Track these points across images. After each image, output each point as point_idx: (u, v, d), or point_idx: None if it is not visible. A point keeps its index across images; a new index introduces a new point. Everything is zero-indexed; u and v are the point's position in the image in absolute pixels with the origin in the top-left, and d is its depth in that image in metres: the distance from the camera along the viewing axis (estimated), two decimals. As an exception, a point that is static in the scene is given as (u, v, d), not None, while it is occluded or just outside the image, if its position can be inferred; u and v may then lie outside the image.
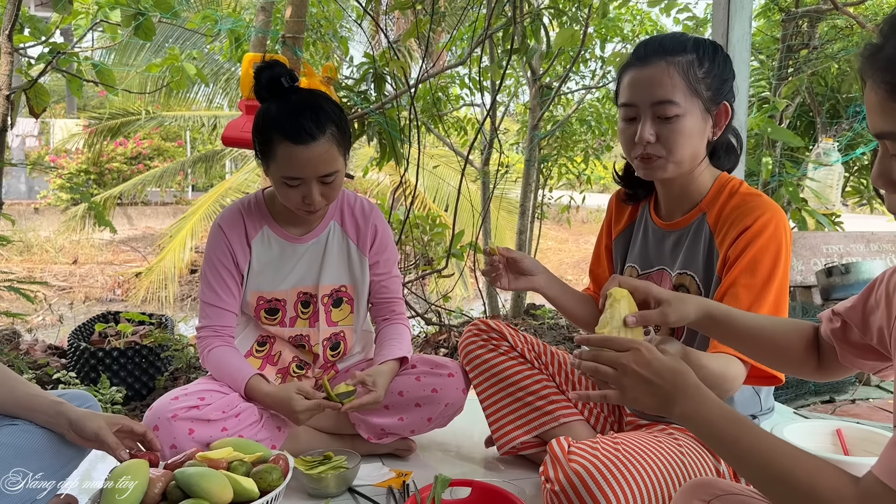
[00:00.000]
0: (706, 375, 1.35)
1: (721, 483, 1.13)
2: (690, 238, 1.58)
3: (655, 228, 1.67)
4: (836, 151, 4.18)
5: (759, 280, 1.43)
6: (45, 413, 1.44)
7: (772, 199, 1.56)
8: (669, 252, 1.62)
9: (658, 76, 1.46)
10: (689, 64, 1.46)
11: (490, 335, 1.91)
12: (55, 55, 3.17)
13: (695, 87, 1.46)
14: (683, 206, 1.61)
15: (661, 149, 1.49)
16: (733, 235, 1.48)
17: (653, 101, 1.47)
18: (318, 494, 1.74)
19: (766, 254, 1.44)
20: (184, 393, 1.77)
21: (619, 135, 1.57)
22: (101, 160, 11.48)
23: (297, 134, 1.68)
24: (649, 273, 1.67)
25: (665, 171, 1.52)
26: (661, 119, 1.47)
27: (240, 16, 4.45)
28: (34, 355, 3.71)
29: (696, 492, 1.11)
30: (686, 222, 1.60)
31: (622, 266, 1.75)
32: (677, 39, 1.51)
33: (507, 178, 5.76)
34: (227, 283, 1.89)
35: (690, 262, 1.57)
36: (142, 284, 8.48)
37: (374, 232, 1.99)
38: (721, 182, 1.58)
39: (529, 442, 1.87)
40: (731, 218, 1.50)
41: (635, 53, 1.52)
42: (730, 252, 1.48)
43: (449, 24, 5.65)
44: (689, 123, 1.47)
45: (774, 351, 1.22)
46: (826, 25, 4.46)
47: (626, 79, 1.52)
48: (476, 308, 6.29)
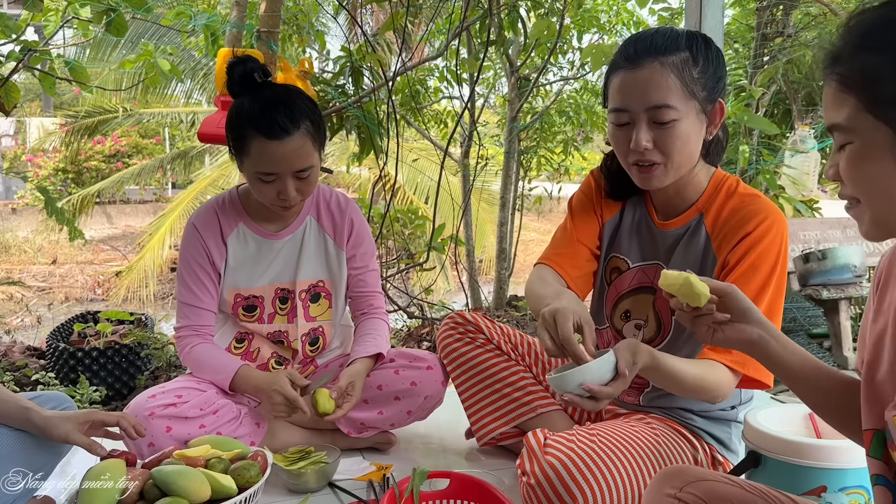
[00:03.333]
0: (680, 380, 1.34)
1: (693, 470, 1.14)
2: (687, 239, 1.54)
3: (652, 226, 1.61)
4: (812, 138, 4.22)
5: (754, 287, 1.41)
6: (14, 419, 1.44)
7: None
8: (665, 250, 1.58)
9: (652, 79, 1.37)
10: (684, 63, 1.38)
11: (466, 328, 1.92)
12: (26, 53, 3.12)
13: (691, 88, 1.38)
14: (680, 206, 1.56)
15: (658, 154, 1.41)
16: (734, 241, 1.45)
17: (648, 107, 1.38)
18: (298, 490, 1.74)
19: (765, 260, 1.42)
20: (161, 391, 1.77)
21: (611, 140, 1.48)
22: (79, 159, 11.35)
23: (271, 128, 1.67)
24: (643, 266, 1.62)
25: (664, 180, 1.46)
26: (656, 124, 1.39)
27: (215, 11, 4.41)
28: (12, 357, 3.67)
29: (669, 479, 1.12)
30: (682, 222, 1.55)
31: (606, 255, 1.69)
32: (669, 36, 1.41)
33: (488, 170, 5.75)
34: (204, 282, 1.88)
35: (684, 264, 1.52)
36: (122, 283, 8.40)
37: (351, 226, 1.99)
38: (717, 180, 1.54)
39: (508, 432, 1.88)
40: (730, 222, 1.47)
41: (624, 53, 1.42)
42: (729, 256, 1.45)
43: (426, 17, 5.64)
44: (686, 126, 1.40)
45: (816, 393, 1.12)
46: (800, 13, 4.49)
47: (617, 81, 1.42)
48: (459, 301, 6.30)
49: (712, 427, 1.62)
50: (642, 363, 1.26)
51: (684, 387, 1.36)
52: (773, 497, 1.07)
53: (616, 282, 1.67)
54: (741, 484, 1.08)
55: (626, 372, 1.20)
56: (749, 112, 3.82)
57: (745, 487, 1.07)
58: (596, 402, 1.21)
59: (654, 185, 1.48)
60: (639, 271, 1.63)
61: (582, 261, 1.66)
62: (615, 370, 1.20)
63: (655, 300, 1.59)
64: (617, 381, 1.20)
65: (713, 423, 1.62)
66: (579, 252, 1.67)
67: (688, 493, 1.06)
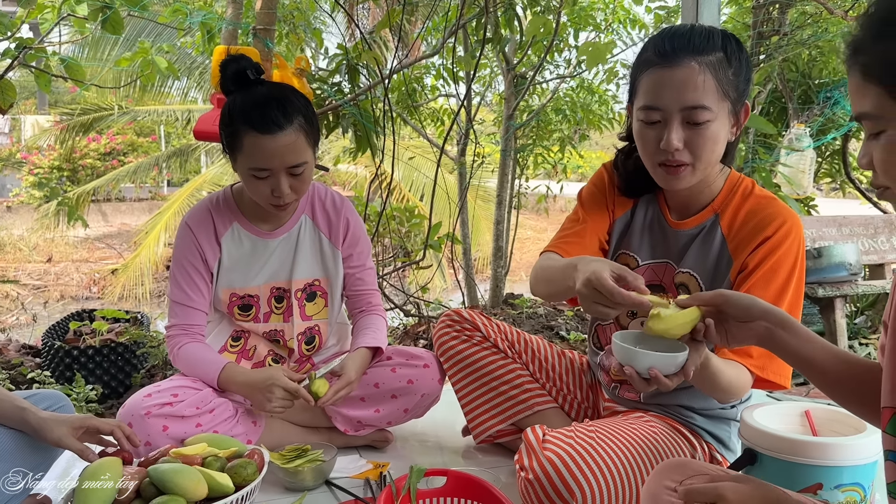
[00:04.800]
0: (720, 381, 1.35)
1: (693, 464, 1.14)
2: (701, 239, 1.53)
3: (665, 225, 1.60)
4: (807, 137, 4.22)
5: (773, 291, 1.41)
6: (10, 419, 1.43)
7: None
8: (677, 249, 1.58)
9: (690, 79, 1.34)
10: (720, 64, 1.36)
11: (463, 326, 1.92)
12: (21, 50, 3.11)
13: (725, 89, 1.36)
14: (694, 205, 1.55)
15: (687, 155, 1.39)
16: (752, 244, 1.45)
17: (683, 106, 1.36)
18: (295, 488, 1.74)
19: (783, 264, 1.42)
20: (157, 390, 1.76)
21: (638, 138, 1.45)
22: (74, 156, 11.32)
23: (264, 123, 1.67)
24: (652, 264, 1.61)
25: (690, 181, 1.44)
26: (689, 124, 1.37)
27: (211, 8, 4.39)
28: (8, 355, 3.66)
29: (669, 472, 1.12)
30: (697, 222, 1.55)
31: (615, 252, 1.68)
32: (705, 35, 1.38)
33: (484, 168, 5.75)
34: (196, 281, 1.88)
35: (697, 264, 1.53)
36: (118, 281, 8.39)
37: (347, 225, 1.98)
38: (732, 182, 1.53)
39: (505, 430, 1.89)
40: (748, 225, 1.47)
41: (658, 49, 1.38)
42: (748, 260, 1.45)
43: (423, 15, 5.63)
44: (718, 128, 1.38)
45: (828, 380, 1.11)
46: (796, 11, 4.49)
47: (650, 79, 1.39)
48: (455, 299, 6.30)
49: (712, 425, 1.62)
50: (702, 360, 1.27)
51: (720, 387, 1.36)
52: None
53: None
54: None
55: (690, 372, 1.21)
56: (746, 111, 3.81)
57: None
58: (647, 385, 1.21)
59: (679, 186, 1.46)
60: (648, 269, 1.62)
61: (589, 250, 1.63)
62: (682, 366, 1.21)
63: (664, 298, 1.58)
64: (677, 376, 1.21)
65: (713, 422, 1.62)
66: (588, 241, 1.64)
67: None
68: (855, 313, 4.23)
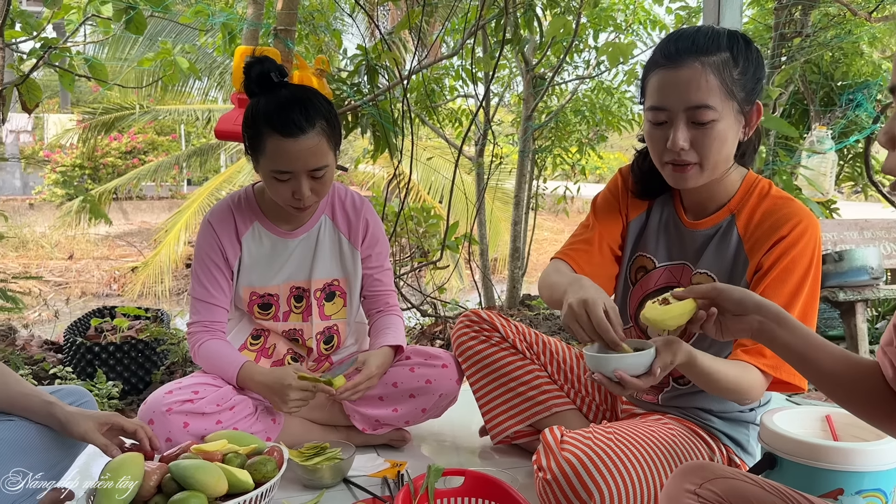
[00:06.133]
0: (716, 380, 1.36)
1: (714, 467, 1.13)
2: (718, 239, 1.53)
3: (680, 225, 1.60)
4: (829, 139, 4.18)
5: (788, 290, 1.41)
6: (36, 413, 1.45)
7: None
8: (693, 250, 1.58)
9: (693, 79, 1.36)
10: (724, 64, 1.37)
11: (481, 326, 1.92)
12: (47, 50, 3.15)
13: (731, 89, 1.37)
14: (710, 206, 1.55)
15: (694, 155, 1.41)
16: (768, 244, 1.45)
17: (687, 106, 1.37)
18: (314, 485, 1.76)
19: (798, 264, 1.42)
20: (178, 387, 1.78)
21: (647, 138, 1.48)
22: (96, 155, 11.47)
23: (287, 127, 1.68)
24: (669, 266, 1.62)
25: (698, 180, 1.45)
26: (695, 124, 1.38)
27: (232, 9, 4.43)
28: (30, 351, 3.72)
29: (688, 475, 1.12)
30: (713, 222, 1.54)
31: (631, 254, 1.69)
32: (710, 36, 1.39)
33: (502, 168, 5.75)
34: (217, 279, 1.90)
35: (714, 264, 1.53)
36: (138, 279, 8.48)
37: (366, 226, 1.99)
38: (749, 182, 1.54)
39: (522, 431, 1.89)
40: (764, 225, 1.47)
41: (663, 51, 1.40)
42: (763, 260, 1.45)
43: (442, 16, 5.64)
44: (724, 127, 1.39)
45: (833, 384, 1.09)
46: (818, 13, 4.45)
47: (656, 80, 1.41)
48: (472, 299, 6.30)
49: (730, 428, 1.61)
50: (679, 361, 1.31)
51: (719, 387, 1.39)
52: (791, 498, 1.07)
53: (642, 281, 1.66)
54: (761, 483, 1.08)
55: (657, 372, 1.27)
56: (766, 112, 3.78)
57: (764, 487, 1.07)
58: (622, 389, 1.29)
59: (687, 185, 1.48)
60: (665, 271, 1.62)
61: (597, 257, 1.66)
62: (650, 366, 1.28)
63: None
64: (647, 376, 1.28)
65: (731, 425, 1.61)
66: (596, 249, 1.67)
67: (707, 490, 1.06)
68: (876, 318, 4.18)
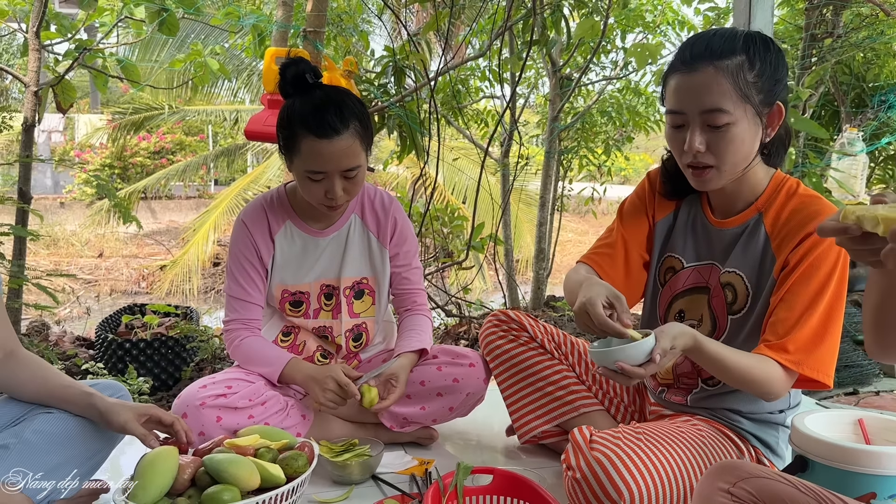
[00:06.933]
0: (726, 367, 1.39)
1: (748, 466, 1.13)
2: (745, 238, 1.54)
3: (707, 224, 1.62)
4: (860, 141, 4.12)
5: (813, 287, 1.42)
6: (76, 404, 1.48)
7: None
8: (721, 249, 1.59)
9: (706, 83, 1.39)
10: (739, 67, 1.39)
11: (510, 326, 1.93)
12: (81, 52, 3.22)
13: (745, 92, 1.39)
14: (737, 205, 1.56)
15: (711, 157, 1.43)
16: (795, 240, 1.45)
17: (702, 110, 1.40)
18: (343, 481, 1.78)
19: (825, 261, 1.42)
20: (211, 381, 1.81)
21: (668, 141, 1.51)
22: (125, 155, 11.64)
23: (322, 128, 1.71)
24: (698, 266, 1.63)
25: (718, 182, 1.48)
26: (710, 127, 1.41)
27: (261, 10, 4.48)
28: (63, 346, 3.79)
29: (721, 474, 1.11)
30: (741, 221, 1.56)
31: (660, 255, 1.71)
32: (725, 39, 1.42)
33: (527, 170, 5.75)
34: (252, 277, 1.93)
35: (742, 262, 1.54)
36: (166, 277, 8.59)
37: (394, 225, 2.01)
38: (777, 181, 1.54)
39: (550, 431, 1.89)
40: (791, 222, 1.47)
41: (681, 56, 1.44)
42: (790, 256, 1.45)
43: (468, 17, 5.65)
44: (740, 130, 1.41)
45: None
46: (850, 13, 4.40)
47: (673, 83, 1.45)
48: (496, 300, 6.30)
49: (759, 430, 1.61)
50: (682, 346, 1.37)
51: (730, 375, 1.43)
52: (826, 499, 1.06)
53: (670, 281, 1.67)
54: (795, 483, 1.07)
55: (657, 358, 1.32)
56: (796, 114, 3.75)
57: (798, 487, 1.06)
58: (628, 379, 1.35)
59: (707, 187, 1.51)
60: (693, 271, 1.63)
61: (620, 261, 1.69)
62: (650, 353, 1.33)
63: (711, 299, 1.59)
64: (649, 365, 1.33)
65: (760, 426, 1.61)
66: (619, 253, 1.70)
67: (741, 489, 1.06)
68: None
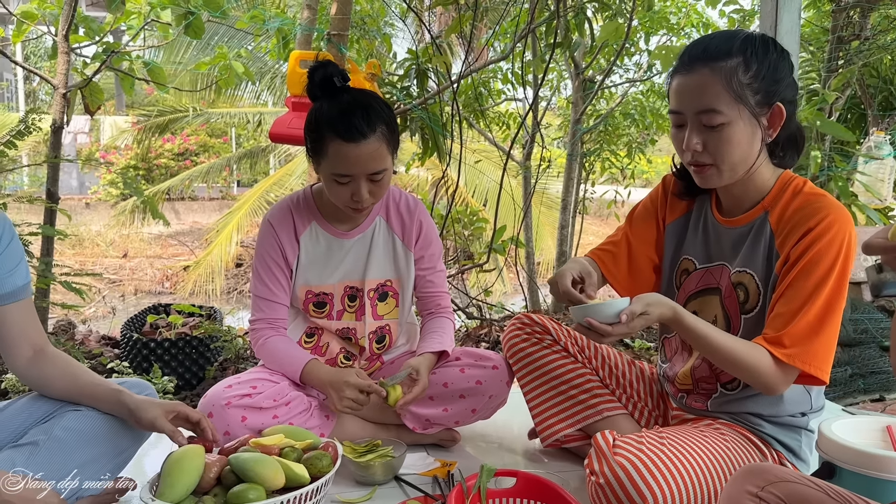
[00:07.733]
0: (707, 344, 1.44)
1: (776, 469, 1.12)
2: (752, 237, 1.56)
3: (716, 224, 1.64)
4: (887, 145, 4.08)
5: (812, 282, 1.42)
6: (105, 401, 1.51)
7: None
8: (730, 249, 1.60)
9: (700, 84, 1.44)
10: (733, 70, 1.42)
11: (534, 329, 1.93)
12: (109, 54, 3.26)
13: (739, 94, 1.42)
14: (744, 204, 1.58)
15: (708, 156, 1.48)
16: (797, 236, 1.46)
17: (697, 110, 1.45)
18: (366, 481, 1.79)
19: (825, 256, 1.43)
20: (237, 381, 1.83)
21: (671, 140, 1.56)
22: (150, 156, 11.77)
23: (349, 132, 1.72)
24: (709, 267, 1.64)
25: (719, 180, 1.51)
26: (706, 127, 1.45)
27: (285, 13, 4.51)
28: (89, 345, 3.84)
29: (749, 478, 1.10)
30: (747, 220, 1.57)
31: (675, 258, 1.73)
32: (723, 41, 1.46)
33: (548, 173, 5.74)
34: (278, 277, 1.94)
35: (750, 261, 1.55)
36: (189, 277, 8.67)
37: (419, 227, 2.02)
38: (784, 181, 1.55)
39: (573, 435, 1.89)
40: (794, 219, 1.48)
41: (680, 59, 1.50)
42: (791, 251, 1.46)
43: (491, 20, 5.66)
44: (736, 130, 1.44)
45: None
46: (878, 16, 4.34)
47: (673, 85, 1.50)
48: (516, 303, 6.30)
49: (781, 433, 1.60)
50: (657, 314, 1.42)
51: (718, 356, 1.46)
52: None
53: (685, 283, 1.70)
54: (825, 488, 1.06)
55: (623, 318, 1.39)
56: (822, 117, 3.71)
57: (828, 493, 1.05)
58: (599, 336, 1.42)
59: (709, 185, 1.55)
60: (705, 273, 1.65)
61: (624, 260, 1.77)
62: (618, 314, 1.40)
63: (723, 299, 1.60)
64: (618, 325, 1.40)
65: (782, 430, 1.60)
66: (622, 251, 1.77)
67: (769, 493, 1.05)
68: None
